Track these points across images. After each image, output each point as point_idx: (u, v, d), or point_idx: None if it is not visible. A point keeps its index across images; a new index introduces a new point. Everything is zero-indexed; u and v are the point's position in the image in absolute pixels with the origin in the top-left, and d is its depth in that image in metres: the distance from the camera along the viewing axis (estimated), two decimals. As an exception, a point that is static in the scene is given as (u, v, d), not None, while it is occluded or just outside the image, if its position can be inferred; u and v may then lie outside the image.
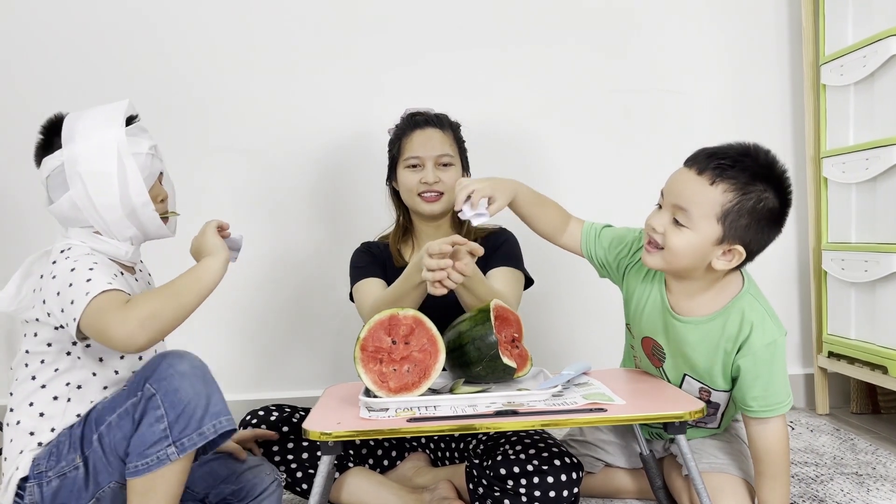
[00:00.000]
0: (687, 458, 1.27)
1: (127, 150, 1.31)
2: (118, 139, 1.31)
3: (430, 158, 1.73)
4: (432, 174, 1.72)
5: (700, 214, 1.27)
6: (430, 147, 1.74)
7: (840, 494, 1.62)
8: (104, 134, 1.31)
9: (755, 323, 1.34)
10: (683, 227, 1.29)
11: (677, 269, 1.34)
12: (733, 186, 1.25)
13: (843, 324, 2.18)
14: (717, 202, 1.26)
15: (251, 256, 2.36)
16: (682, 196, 1.29)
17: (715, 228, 1.27)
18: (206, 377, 1.24)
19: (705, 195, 1.27)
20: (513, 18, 2.38)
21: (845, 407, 2.37)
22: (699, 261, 1.31)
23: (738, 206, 1.25)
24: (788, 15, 2.42)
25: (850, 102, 2.13)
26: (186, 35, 2.32)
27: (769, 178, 1.27)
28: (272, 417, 1.60)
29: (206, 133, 2.33)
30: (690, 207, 1.28)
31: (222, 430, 1.21)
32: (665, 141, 2.41)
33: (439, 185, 1.72)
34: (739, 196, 1.25)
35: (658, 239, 1.32)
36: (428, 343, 1.34)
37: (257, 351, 2.39)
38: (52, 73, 2.28)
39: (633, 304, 1.49)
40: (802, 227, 2.42)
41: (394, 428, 1.18)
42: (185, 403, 1.19)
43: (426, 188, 1.72)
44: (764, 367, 1.34)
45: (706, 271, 1.34)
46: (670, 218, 1.30)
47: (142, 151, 1.33)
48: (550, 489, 1.39)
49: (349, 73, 2.35)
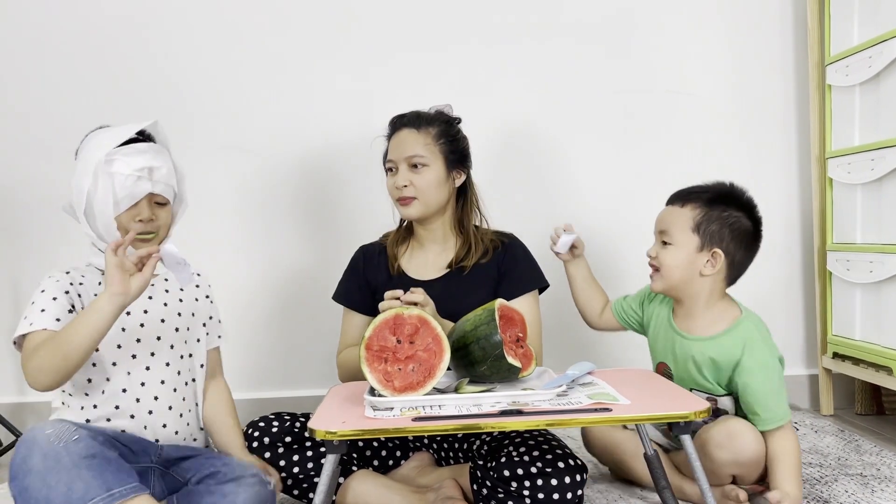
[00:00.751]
0: (692, 459, 1.27)
1: (104, 169, 1.38)
2: (98, 159, 1.39)
3: (401, 161, 1.69)
4: (402, 177, 1.68)
5: (678, 230, 1.55)
6: (400, 149, 1.70)
7: (844, 496, 1.61)
8: (94, 152, 1.41)
9: (750, 346, 1.52)
10: (669, 245, 1.56)
11: (675, 283, 1.57)
12: (699, 203, 1.55)
13: (847, 325, 2.17)
14: (689, 217, 1.55)
15: (255, 256, 2.37)
16: (663, 222, 1.59)
17: (692, 238, 1.55)
18: (60, 464, 1.16)
19: (679, 215, 1.56)
20: (516, 17, 2.38)
21: (850, 408, 2.37)
22: (690, 271, 1.55)
23: (706, 216, 1.54)
24: (794, 15, 2.42)
25: (856, 103, 2.13)
26: (172, 35, 2.33)
27: (731, 199, 1.55)
28: (273, 429, 1.57)
29: (214, 132, 2.34)
30: (670, 228, 1.57)
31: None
32: (669, 141, 2.41)
33: (409, 189, 1.67)
34: (706, 209, 1.54)
35: (655, 263, 1.59)
36: (433, 342, 1.35)
37: (262, 350, 2.39)
38: (39, 73, 2.30)
39: (651, 331, 1.71)
40: (807, 228, 2.42)
41: (399, 427, 1.18)
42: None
43: (398, 194, 1.69)
44: (759, 386, 1.50)
45: (702, 287, 1.57)
46: (659, 243, 1.59)
47: (121, 172, 1.39)
48: (554, 491, 1.39)
49: (349, 72, 2.35)
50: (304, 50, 2.34)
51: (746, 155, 2.40)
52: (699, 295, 1.58)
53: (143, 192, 1.42)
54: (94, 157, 1.40)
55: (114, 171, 1.39)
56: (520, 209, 2.35)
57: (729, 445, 1.47)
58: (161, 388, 1.44)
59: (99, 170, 1.39)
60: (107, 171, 1.39)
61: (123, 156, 1.40)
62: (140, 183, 1.41)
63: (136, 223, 1.42)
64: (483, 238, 1.76)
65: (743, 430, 1.48)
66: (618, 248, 2.42)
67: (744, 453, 1.47)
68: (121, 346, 1.41)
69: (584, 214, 2.42)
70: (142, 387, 1.42)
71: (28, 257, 2.25)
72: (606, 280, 1.87)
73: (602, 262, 2.43)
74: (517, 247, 1.79)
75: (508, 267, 1.74)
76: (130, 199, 1.41)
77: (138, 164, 1.41)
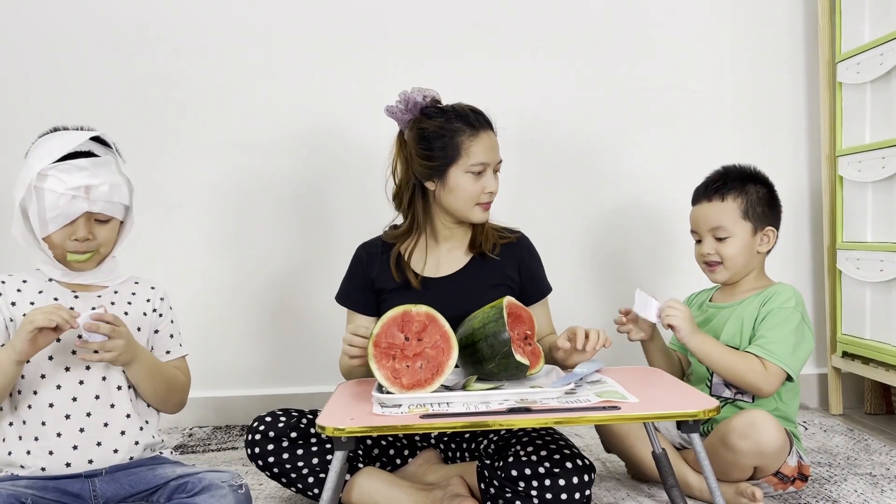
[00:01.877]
0: (701, 457, 1.26)
1: (37, 184, 1.34)
2: (34, 172, 1.34)
3: (492, 164, 1.64)
4: (494, 182, 1.64)
5: (731, 223, 1.65)
6: (495, 153, 1.65)
7: (854, 495, 1.61)
8: (32, 164, 1.36)
9: (781, 292, 1.64)
10: (727, 238, 1.66)
11: (739, 269, 1.67)
12: (736, 193, 1.67)
13: (857, 324, 2.16)
14: (735, 208, 1.66)
15: (262, 253, 2.37)
16: (711, 221, 1.67)
17: (746, 225, 1.66)
18: None
19: (725, 209, 1.66)
20: (528, 17, 2.37)
21: (859, 407, 2.36)
22: (750, 254, 1.67)
23: (748, 201, 1.66)
24: (804, 12, 2.40)
25: (867, 100, 2.11)
26: (180, 33, 2.33)
27: (749, 177, 1.69)
28: (280, 424, 1.56)
29: (222, 129, 2.35)
30: (722, 223, 1.66)
31: None
32: (680, 139, 2.40)
33: (492, 195, 1.65)
34: (744, 196, 1.66)
35: (714, 258, 1.67)
36: (441, 340, 1.35)
37: (270, 347, 2.39)
38: (35, 76, 2.31)
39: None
40: (817, 226, 2.41)
41: (407, 424, 1.18)
42: None
43: (489, 199, 1.64)
44: (773, 317, 1.58)
45: (757, 261, 1.70)
46: (713, 240, 1.67)
47: (55, 190, 1.33)
48: (563, 491, 1.38)
49: (354, 67, 2.36)
50: (310, 51, 2.35)
51: (756, 153, 2.36)
52: (752, 269, 1.70)
53: (78, 212, 1.35)
54: (31, 170, 1.34)
55: (45, 188, 1.33)
56: (532, 207, 2.36)
57: (752, 435, 1.46)
58: (95, 403, 1.38)
59: (32, 185, 1.34)
60: (39, 187, 1.33)
61: (59, 172, 1.33)
62: (75, 202, 1.34)
63: (71, 242, 1.36)
64: (492, 229, 1.73)
65: (765, 420, 1.47)
66: (626, 247, 2.42)
67: (765, 443, 1.47)
68: (52, 357, 1.37)
69: (592, 212, 2.42)
70: (73, 402, 1.37)
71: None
72: (615, 281, 1.86)
73: (615, 259, 2.43)
74: (532, 248, 1.77)
75: (530, 271, 1.72)
76: (64, 218, 1.34)
77: (74, 182, 1.33)
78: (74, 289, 1.43)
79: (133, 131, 2.24)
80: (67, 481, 1.35)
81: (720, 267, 1.67)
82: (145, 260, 1.93)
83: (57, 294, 1.40)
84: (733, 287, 1.72)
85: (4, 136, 2.26)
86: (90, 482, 1.37)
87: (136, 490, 1.39)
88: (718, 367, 1.57)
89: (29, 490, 1.30)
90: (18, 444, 1.36)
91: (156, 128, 2.33)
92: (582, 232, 2.42)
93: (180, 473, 1.39)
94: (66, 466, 1.35)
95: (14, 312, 1.38)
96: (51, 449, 1.35)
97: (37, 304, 1.37)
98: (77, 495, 1.36)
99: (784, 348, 1.55)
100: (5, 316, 1.38)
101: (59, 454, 1.35)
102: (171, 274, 2.08)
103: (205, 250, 2.37)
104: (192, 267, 2.35)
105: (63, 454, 1.35)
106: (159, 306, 1.52)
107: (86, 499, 1.36)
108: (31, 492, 1.30)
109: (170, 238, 2.33)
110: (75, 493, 1.35)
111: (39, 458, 1.35)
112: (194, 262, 2.36)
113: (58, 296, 1.40)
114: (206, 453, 2.09)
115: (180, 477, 1.38)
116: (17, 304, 1.39)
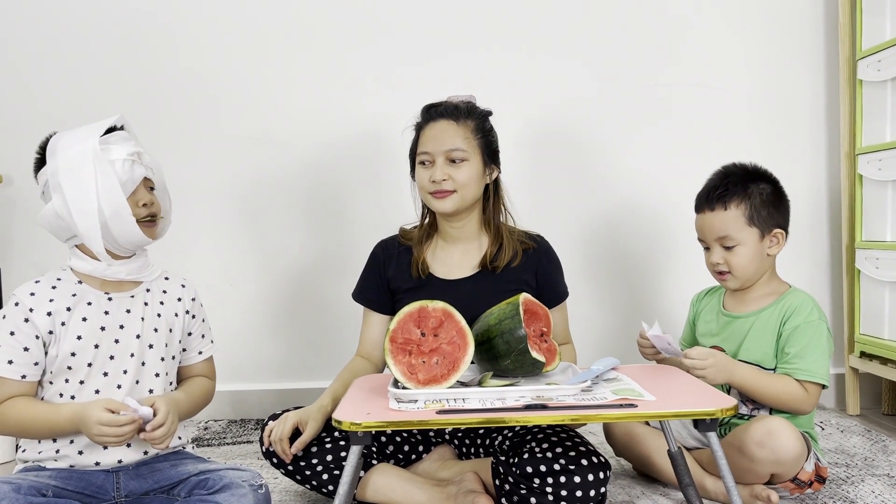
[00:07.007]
0: (718, 456, 1.25)
1: (102, 157, 1.35)
2: (93, 148, 1.35)
3: (439, 154, 1.62)
4: (440, 171, 1.60)
5: (737, 231, 1.61)
6: (439, 141, 1.62)
7: (871, 496, 1.59)
8: (81, 145, 1.36)
9: (800, 305, 1.60)
10: (735, 247, 1.61)
11: (750, 275, 1.64)
12: (739, 199, 1.61)
13: (876, 323, 2.14)
14: (739, 215, 1.61)
15: (278, 248, 2.38)
16: (716, 230, 1.63)
17: (752, 231, 1.61)
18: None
19: (729, 217, 1.61)
20: (544, 13, 2.37)
21: (877, 408, 2.34)
22: (760, 259, 1.63)
23: (751, 206, 1.60)
24: (825, 9, 2.38)
25: (888, 98, 2.09)
26: (192, 29, 2.34)
27: (750, 177, 1.63)
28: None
29: (235, 124, 2.36)
30: (728, 231, 1.61)
31: None
32: (697, 136, 2.39)
33: (448, 182, 1.60)
34: (747, 200, 1.61)
35: (724, 267, 1.64)
36: (457, 336, 1.34)
37: (286, 341, 2.41)
38: (55, 69, 2.32)
39: (700, 324, 1.78)
40: (835, 225, 2.39)
41: (423, 419, 1.18)
42: None
43: (435, 187, 1.62)
44: (802, 335, 1.56)
45: (768, 264, 1.65)
46: (721, 249, 1.63)
47: (119, 158, 1.36)
48: (578, 489, 1.38)
49: (365, 66, 2.36)
50: (327, 47, 2.35)
51: (775, 150, 2.37)
52: (764, 272, 1.66)
53: (139, 177, 1.39)
54: (84, 149, 1.35)
55: (113, 158, 1.36)
56: (544, 206, 2.35)
57: (769, 443, 1.45)
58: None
59: (98, 157, 1.35)
60: (106, 159, 1.35)
61: (111, 143, 1.38)
62: (136, 167, 1.39)
63: (139, 208, 1.39)
64: (513, 237, 1.71)
65: (783, 428, 1.46)
66: (638, 244, 2.41)
67: (783, 451, 1.46)
68: (91, 364, 1.37)
69: (610, 209, 2.41)
70: (118, 389, 1.38)
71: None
72: (631, 277, 1.85)
73: (627, 257, 2.42)
74: (551, 252, 1.74)
75: (547, 276, 1.71)
76: (131, 184, 1.38)
77: (129, 148, 1.39)
78: (107, 289, 1.41)
79: (151, 127, 2.26)
80: (92, 474, 1.36)
81: (730, 276, 1.64)
82: (162, 254, 1.94)
83: (90, 298, 1.38)
84: (746, 292, 1.68)
85: (20, 129, 2.28)
86: (115, 475, 1.38)
87: (158, 485, 1.40)
88: (762, 397, 1.56)
89: (52, 481, 1.32)
90: (50, 444, 1.36)
91: (173, 124, 2.35)
92: (597, 231, 2.41)
93: (202, 469, 1.40)
94: (95, 465, 1.37)
95: (52, 323, 1.35)
96: (81, 449, 1.36)
97: (74, 311, 1.35)
98: (100, 487, 1.37)
99: (822, 366, 1.55)
100: (40, 332, 1.34)
101: (90, 454, 1.36)
102: (187, 268, 2.09)
103: (221, 245, 2.38)
104: (208, 262, 2.37)
105: (93, 455, 1.36)
106: (192, 307, 1.52)
107: (108, 490, 1.37)
108: (54, 483, 1.31)
109: (186, 232, 2.34)
110: (98, 485, 1.37)
111: (69, 459, 1.36)
112: (210, 256, 2.38)
113: (91, 300, 1.38)
114: (222, 447, 2.10)
115: (201, 473, 1.39)
116: (54, 313, 1.35)
